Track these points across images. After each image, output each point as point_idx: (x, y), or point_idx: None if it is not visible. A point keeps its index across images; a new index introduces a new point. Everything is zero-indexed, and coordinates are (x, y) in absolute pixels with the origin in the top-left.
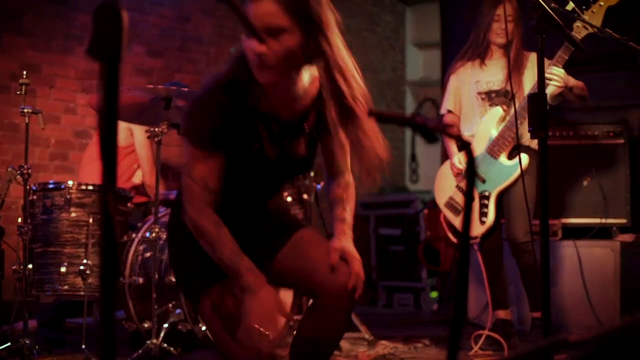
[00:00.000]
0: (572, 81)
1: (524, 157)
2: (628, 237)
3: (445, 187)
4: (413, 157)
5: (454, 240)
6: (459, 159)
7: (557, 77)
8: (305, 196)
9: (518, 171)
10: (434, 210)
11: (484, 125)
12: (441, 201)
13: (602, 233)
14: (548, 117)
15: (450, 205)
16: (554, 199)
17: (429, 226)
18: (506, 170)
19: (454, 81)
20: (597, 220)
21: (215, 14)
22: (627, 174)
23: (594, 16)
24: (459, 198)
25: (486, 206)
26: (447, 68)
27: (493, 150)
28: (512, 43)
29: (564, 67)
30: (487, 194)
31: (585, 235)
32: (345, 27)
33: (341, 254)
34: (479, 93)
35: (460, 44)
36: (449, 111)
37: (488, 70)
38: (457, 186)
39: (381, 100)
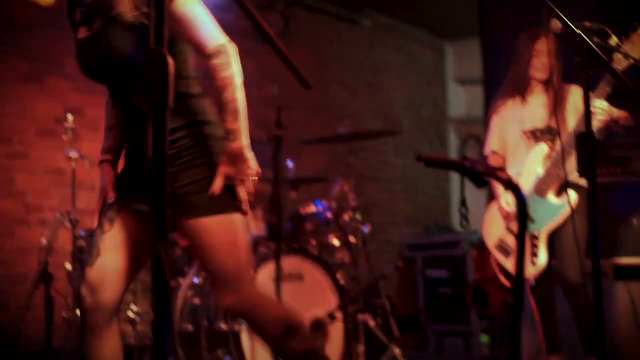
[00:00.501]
0: (616, 112)
1: (572, 195)
2: None
3: (494, 228)
4: (463, 202)
5: (506, 283)
6: (506, 201)
7: (601, 110)
8: (351, 239)
9: (567, 209)
10: (482, 252)
11: (530, 164)
12: (491, 243)
13: None
14: (595, 156)
15: (501, 247)
16: (604, 238)
17: (478, 268)
18: (554, 208)
19: (496, 121)
20: None
21: (256, 55)
22: None
23: (635, 46)
24: (510, 240)
25: (536, 246)
26: (489, 104)
27: (540, 188)
28: (553, 77)
29: (607, 100)
30: (536, 234)
31: (638, 276)
32: (385, 64)
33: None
34: (524, 132)
35: (502, 79)
36: (493, 152)
37: (530, 107)
38: (507, 228)
39: (423, 137)
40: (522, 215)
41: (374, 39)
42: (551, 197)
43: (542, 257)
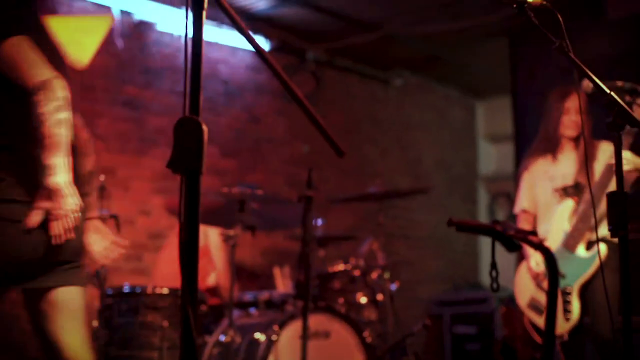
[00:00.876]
0: None
1: (602, 248)
2: None
3: (526, 287)
4: (494, 265)
5: (540, 342)
6: (536, 261)
7: (625, 161)
8: (379, 296)
9: (596, 263)
10: (510, 308)
11: (557, 220)
12: (523, 302)
13: None
14: (627, 214)
15: (533, 305)
16: (637, 294)
17: (506, 324)
18: (584, 263)
19: (527, 178)
20: None
21: (287, 114)
22: None
23: None
24: (541, 297)
25: (569, 302)
26: (520, 161)
27: (568, 243)
28: (583, 134)
29: (631, 150)
30: (568, 289)
31: None
32: (415, 123)
33: None
34: (555, 189)
35: (532, 136)
36: (524, 210)
37: (561, 165)
38: (538, 285)
39: (454, 195)
40: (554, 278)
41: (404, 97)
42: (580, 251)
43: (575, 312)
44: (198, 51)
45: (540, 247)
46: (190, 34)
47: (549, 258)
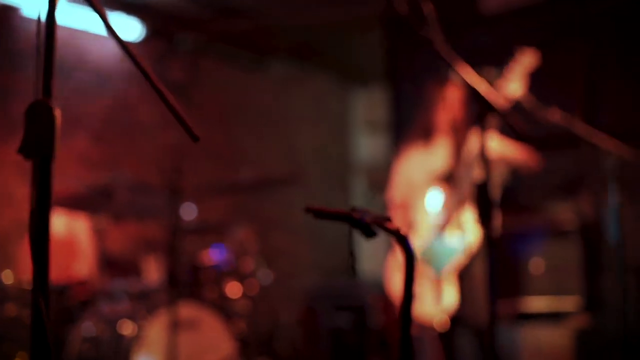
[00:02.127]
0: (511, 153)
1: (470, 237)
2: (582, 320)
3: (396, 276)
4: (351, 253)
5: (416, 328)
6: None
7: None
8: (252, 287)
9: (466, 250)
10: (385, 298)
11: (430, 208)
12: (395, 291)
13: (556, 315)
14: (496, 203)
15: None
16: (508, 281)
17: (382, 314)
18: (455, 250)
19: (402, 167)
20: (551, 302)
21: (160, 102)
22: (580, 256)
23: (513, 83)
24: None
25: (441, 289)
26: (395, 151)
27: (439, 231)
28: (458, 125)
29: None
30: (440, 275)
31: (540, 318)
32: (293, 112)
33: None
34: (430, 178)
35: (408, 125)
36: (396, 199)
37: (436, 154)
38: None
39: (330, 185)
40: (409, 265)
41: (282, 86)
42: (451, 239)
43: (449, 300)
44: (51, 32)
45: (396, 234)
46: (43, 16)
47: (406, 246)
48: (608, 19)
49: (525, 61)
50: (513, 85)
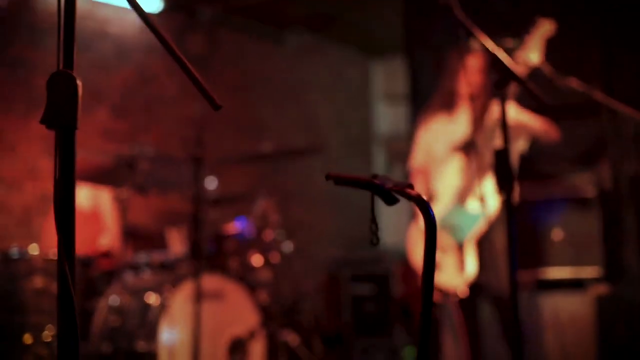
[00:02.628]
0: (530, 123)
1: (491, 205)
2: (602, 289)
3: (417, 245)
4: (373, 219)
5: (435, 300)
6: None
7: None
8: (274, 257)
9: (487, 219)
10: (407, 267)
11: (449, 176)
12: (416, 259)
13: (577, 284)
14: (515, 171)
15: None
16: (528, 251)
17: (403, 283)
18: (476, 217)
19: (423, 136)
20: (571, 272)
21: (181, 74)
22: (600, 225)
23: (532, 51)
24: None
25: (463, 258)
26: (415, 120)
27: (460, 199)
28: (478, 94)
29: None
30: (462, 243)
31: (561, 288)
32: (312, 83)
33: None
34: (451, 146)
35: (428, 95)
36: (418, 167)
37: (457, 122)
38: None
39: (350, 155)
40: (431, 233)
41: (300, 57)
42: (472, 206)
43: (470, 268)
44: (72, 3)
45: (417, 200)
46: None
47: (426, 212)
48: None
49: (543, 30)
50: (532, 54)
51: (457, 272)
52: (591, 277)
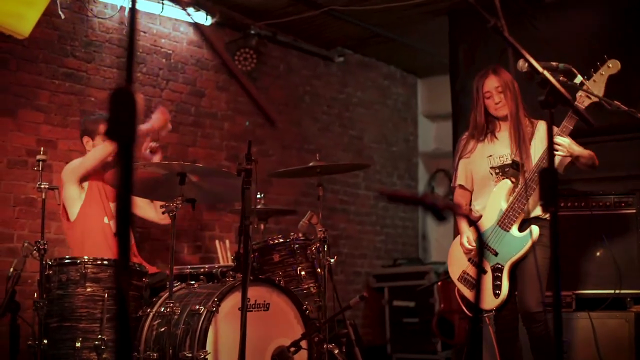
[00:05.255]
0: (577, 150)
1: (535, 229)
2: None
3: (459, 261)
4: (424, 236)
5: (469, 314)
6: (467, 238)
7: (561, 147)
8: (318, 269)
9: (529, 243)
10: (448, 282)
11: (494, 198)
12: (455, 275)
13: (616, 304)
14: (559, 191)
15: (464, 279)
16: (567, 270)
17: (443, 298)
18: (518, 242)
19: (465, 156)
20: (610, 291)
21: (229, 90)
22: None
23: (596, 85)
24: (473, 272)
25: (499, 279)
26: (457, 139)
27: (504, 222)
28: (512, 113)
29: (572, 137)
30: (499, 266)
31: (599, 307)
32: (357, 100)
33: None
34: (492, 168)
35: (469, 115)
36: (460, 186)
37: (499, 144)
38: (470, 260)
39: (394, 171)
40: (480, 249)
41: (346, 75)
42: (515, 231)
43: (505, 289)
44: (132, 23)
45: (467, 219)
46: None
47: (477, 230)
48: None
49: (611, 70)
50: (596, 89)
51: (490, 293)
52: (631, 296)
